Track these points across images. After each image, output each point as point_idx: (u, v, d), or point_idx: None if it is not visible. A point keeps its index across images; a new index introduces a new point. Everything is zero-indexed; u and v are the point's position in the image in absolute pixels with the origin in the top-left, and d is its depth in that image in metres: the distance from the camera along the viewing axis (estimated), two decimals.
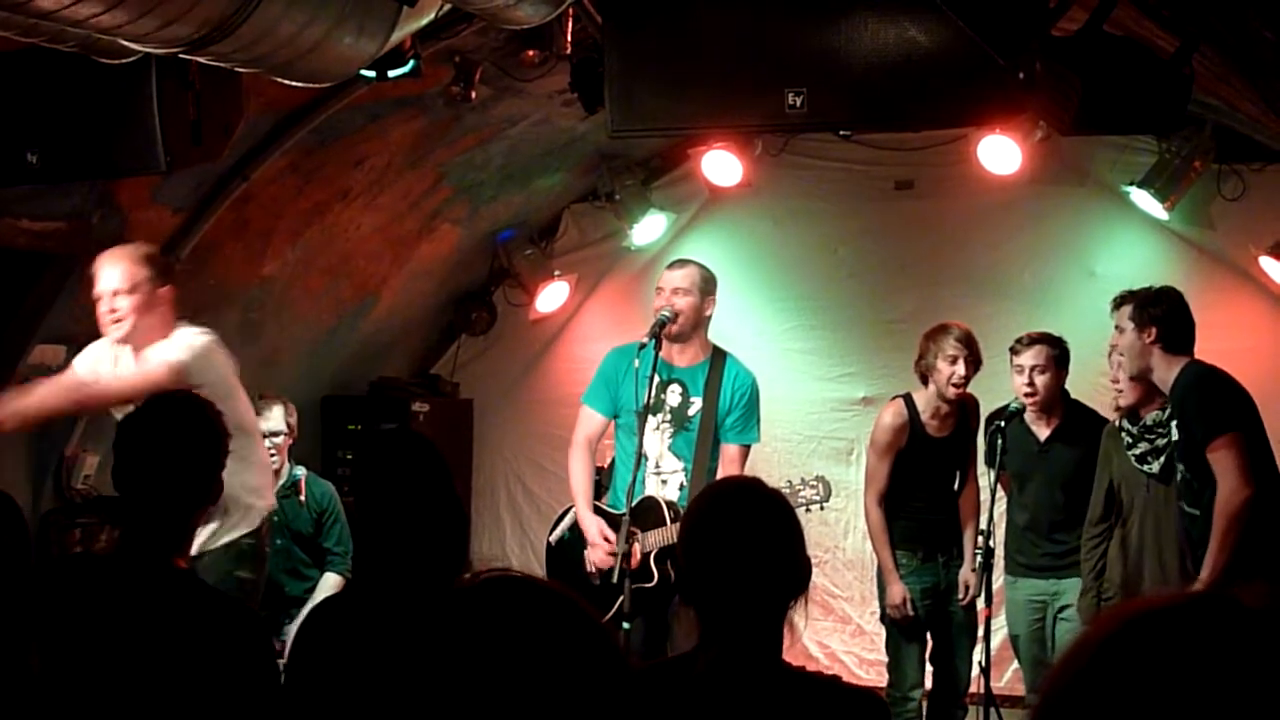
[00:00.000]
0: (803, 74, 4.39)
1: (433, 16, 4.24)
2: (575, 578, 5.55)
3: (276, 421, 6.27)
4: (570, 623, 1.31)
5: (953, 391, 5.85)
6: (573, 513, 5.72)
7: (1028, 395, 5.84)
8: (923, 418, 5.96)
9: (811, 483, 5.61)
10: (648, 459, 5.56)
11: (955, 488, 6.12)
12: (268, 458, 5.61)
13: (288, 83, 4.10)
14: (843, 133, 6.61)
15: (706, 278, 5.71)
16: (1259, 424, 5.00)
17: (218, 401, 3.37)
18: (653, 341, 5.48)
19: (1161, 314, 5.08)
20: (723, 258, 7.05)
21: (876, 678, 6.42)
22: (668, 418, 5.64)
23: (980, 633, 6.02)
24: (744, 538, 2.46)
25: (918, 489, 6.01)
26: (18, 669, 2.29)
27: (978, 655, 5.98)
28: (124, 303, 4.96)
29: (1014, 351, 5.90)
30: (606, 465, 5.92)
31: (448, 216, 7.78)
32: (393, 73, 4.76)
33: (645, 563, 5.48)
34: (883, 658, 6.28)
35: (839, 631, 8.00)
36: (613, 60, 4.61)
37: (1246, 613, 0.99)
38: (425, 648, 1.29)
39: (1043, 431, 5.94)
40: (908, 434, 5.96)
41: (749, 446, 5.74)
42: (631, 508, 5.37)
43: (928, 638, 6.08)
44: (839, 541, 7.95)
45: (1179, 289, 5.25)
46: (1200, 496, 4.94)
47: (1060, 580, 5.88)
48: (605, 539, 5.50)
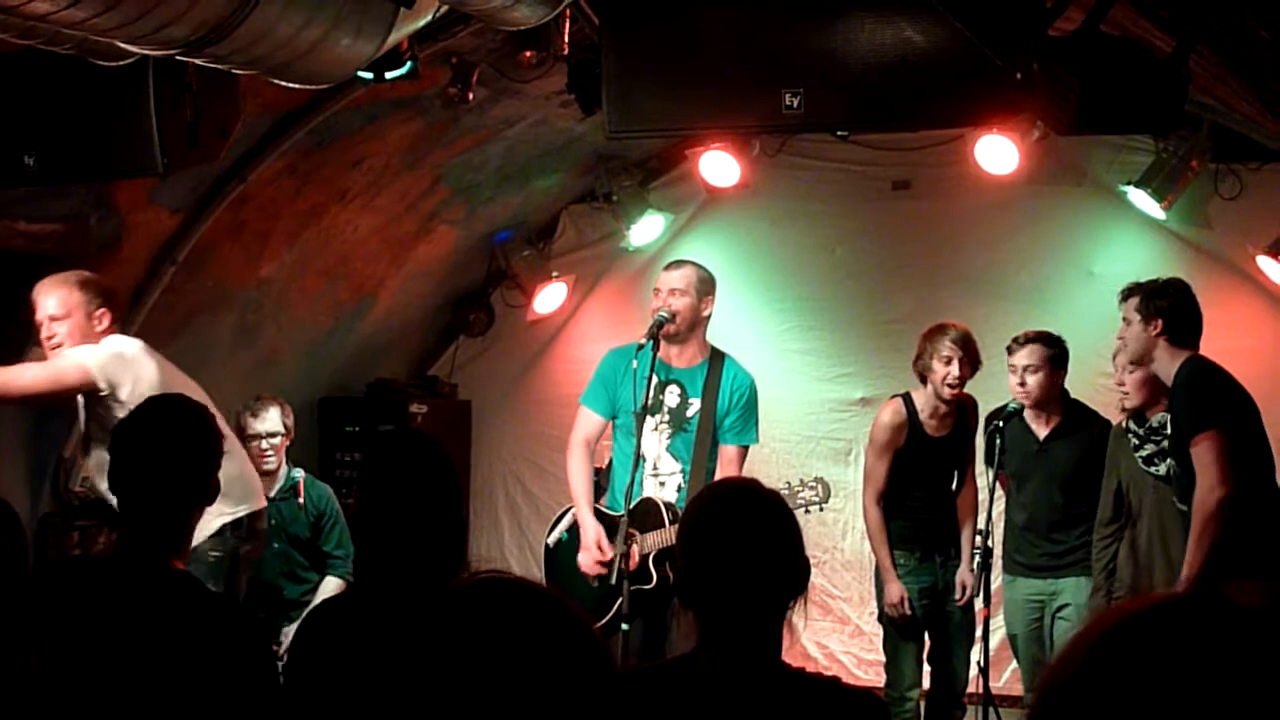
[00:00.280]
0: (800, 75, 4.39)
1: (430, 18, 4.24)
2: (574, 579, 5.55)
3: (273, 422, 6.26)
4: (557, 624, 1.31)
5: (948, 392, 5.85)
6: (571, 514, 5.72)
7: (1020, 394, 5.85)
8: (921, 417, 5.96)
9: (811, 484, 5.61)
10: (645, 460, 5.56)
11: (953, 488, 6.13)
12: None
13: (285, 84, 4.10)
14: (840, 133, 6.63)
15: (704, 278, 5.70)
16: (1254, 423, 4.98)
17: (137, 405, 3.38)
18: (650, 342, 5.47)
19: (1168, 306, 5.05)
20: (720, 258, 7.05)
21: (875, 678, 6.42)
22: (666, 419, 5.64)
23: (979, 633, 6.02)
24: (742, 539, 2.46)
25: (916, 488, 6.01)
26: (16, 671, 2.29)
27: (976, 655, 5.99)
28: (60, 328, 5.08)
29: (1009, 351, 5.91)
30: (604, 466, 5.92)
31: (445, 218, 7.78)
32: (390, 74, 4.75)
33: (644, 564, 5.48)
34: (881, 658, 6.27)
35: (837, 632, 8.00)
36: (610, 61, 4.61)
37: (1239, 611, 0.99)
38: (413, 649, 1.29)
39: (1041, 430, 5.94)
40: (906, 433, 5.96)
41: (747, 447, 5.74)
42: (630, 509, 5.37)
43: (925, 638, 6.09)
44: (837, 542, 7.95)
45: None
46: (1188, 493, 4.94)
47: (1058, 580, 5.88)
48: (600, 547, 5.49)
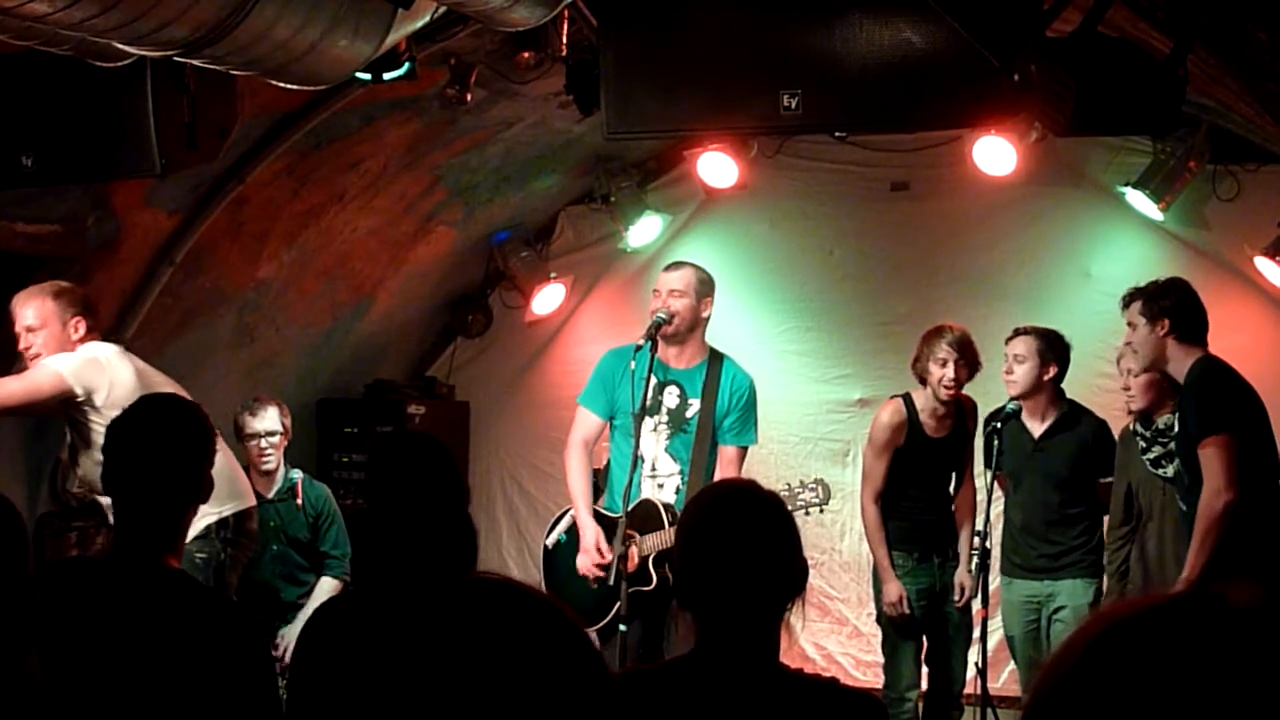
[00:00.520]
0: (798, 76, 4.39)
1: (428, 19, 4.25)
2: (573, 580, 5.55)
3: (272, 421, 6.25)
4: (546, 625, 1.31)
5: (945, 393, 5.86)
6: (570, 515, 5.71)
7: (1007, 382, 5.88)
8: (921, 417, 5.97)
9: (811, 485, 5.61)
10: (644, 461, 5.56)
11: (951, 489, 6.13)
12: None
13: (283, 85, 4.11)
14: (838, 134, 6.63)
15: (703, 279, 5.71)
16: (1264, 426, 4.97)
17: (115, 411, 3.38)
18: (649, 343, 5.47)
19: (1172, 305, 5.03)
20: (718, 259, 7.05)
21: (873, 679, 6.42)
22: (664, 419, 5.64)
23: (976, 634, 6.02)
24: (741, 541, 2.46)
25: (914, 489, 6.02)
26: (15, 672, 2.29)
27: (974, 656, 5.99)
28: (37, 338, 5.11)
29: (1006, 342, 5.94)
30: (602, 467, 5.92)
31: (443, 219, 7.78)
32: (388, 75, 4.76)
33: (643, 565, 5.47)
34: (879, 659, 6.27)
35: (836, 633, 8.00)
36: (608, 62, 4.61)
37: (1234, 613, 0.99)
38: (401, 650, 1.29)
39: (1037, 429, 5.95)
40: (906, 433, 5.97)
41: (746, 448, 5.75)
42: (628, 511, 5.37)
43: (923, 639, 6.09)
44: (835, 543, 7.95)
45: None
46: (1192, 493, 4.94)
47: (1055, 582, 5.88)
48: (598, 550, 5.49)
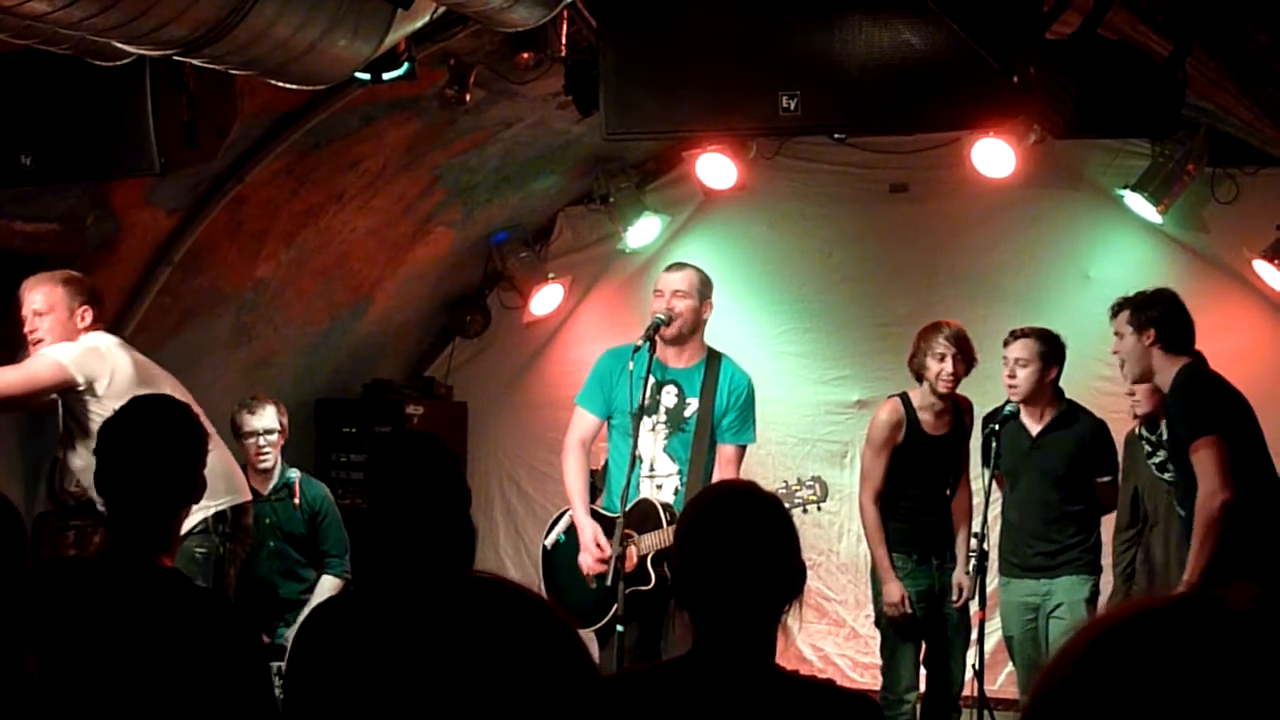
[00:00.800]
0: (797, 77, 4.40)
1: (427, 19, 4.25)
2: (572, 581, 5.55)
3: (270, 419, 6.26)
4: (536, 624, 1.31)
5: (942, 387, 5.87)
6: (568, 516, 5.72)
7: (1009, 387, 5.88)
8: (919, 415, 5.99)
9: (808, 482, 5.62)
10: (642, 461, 5.56)
11: (949, 490, 6.13)
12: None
13: (282, 85, 4.11)
14: (837, 136, 6.63)
15: (704, 280, 5.72)
16: (1251, 427, 5.00)
17: (115, 400, 3.40)
18: (647, 344, 5.47)
19: (1159, 315, 5.08)
20: (717, 261, 7.05)
21: (871, 681, 6.43)
22: (663, 419, 5.64)
23: (974, 635, 6.02)
24: (739, 541, 2.46)
25: (913, 488, 6.02)
26: (12, 672, 2.29)
27: (972, 658, 5.98)
28: (42, 323, 5.16)
29: (1005, 344, 5.94)
30: (600, 468, 5.92)
31: (442, 219, 7.78)
32: (387, 75, 4.76)
33: (642, 565, 5.48)
34: (877, 661, 6.27)
35: (833, 635, 8.00)
36: (607, 63, 4.61)
37: (1232, 614, 0.99)
38: (392, 649, 1.29)
39: (1034, 427, 5.96)
40: (904, 431, 5.98)
41: (745, 447, 5.75)
42: (626, 511, 5.37)
43: (922, 641, 6.09)
44: (833, 545, 7.95)
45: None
46: (1188, 499, 4.95)
47: (1052, 581, 5.89)
48: (598, 545, 5.50)
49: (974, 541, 5.89)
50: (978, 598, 5.85)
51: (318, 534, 6.35)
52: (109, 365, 5.08)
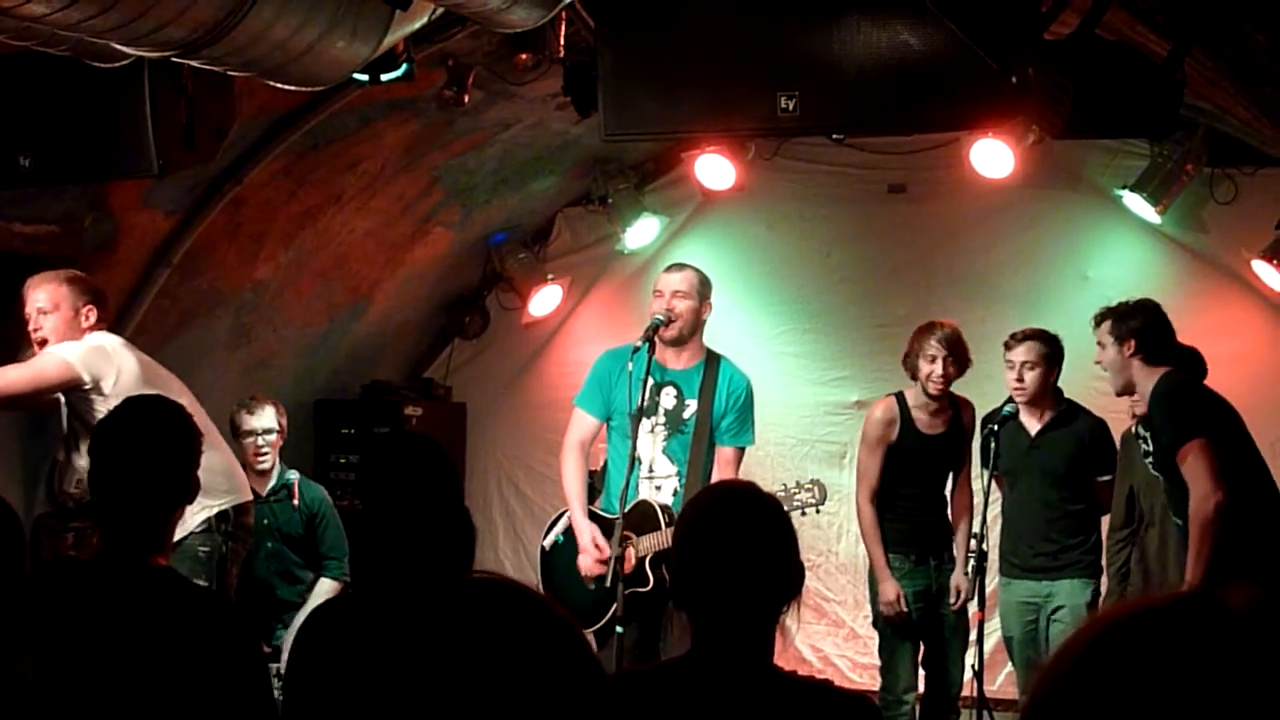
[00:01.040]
0: (795, 78, 4.40)
1: (426, 20, 4.25)
2: (570, 582, 5.55)
3: (269, 419, 6.27)
4: (541, 625, 1.31)
5: (933, 388, 5.88)
6: (567, 517, 5.72)
7: (1017, 390, 5.88)
8: (913, 413, 6.00)
9: (807, 486, 5.61)
10: (641, 462, 5.56)
11: (947, 491, 6.13)
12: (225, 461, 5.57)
13: (281, 86, 4.11)
14: (835, 136, 6.62)
15: (704, 281, 5.72)
16: (1237, 429, 5.01)
17: (120, 399, 3.41)
18: (646, 345, 5.47)
19: (1140, 326, 5.11)
20: (716, 261, 7.05)
21: (869, 681, 6.42)
22: (662, 420, 5.64)
23: (973, 636, 6.02)
24: (738, 542, 2.46)
25: (909, 487, 6.03)
26: (8, 674, 2.29)
27: (971, 658, 5.98)
28: (47, 322, 5.16)
29: (1007, 347, 5.94)
30: (599, 469, 5.92)
31: (441, 220, 7.78)
32: (386, 76, 4.76)
33: (640, 567, 5.47)
34: (876, 662, 6.27)
35: (832, 635, 8.00)
36: (606, 64, 4.61)
37: (1230, 614, 0.99)
38: (395, 649, 1.29)
39: (1034, 426, 5.96)
40: (898, 429, 5.99)
41: (744, 449, 5.75)
42: (625, 512, 5.37)
43: (920, 641, 6.10)
44: (832, 545, 7.95)
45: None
46: (1183, 506, 4.96)
47: (1053, 582, 5.89)
48: (597, 546, 5.50)
49: (973, 542, 5.90)
50: (977, 598, 5.85)
51: (316, 536, 6.35)
52: (115, 365, 5.10)
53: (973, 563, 5.84)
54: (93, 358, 5.08)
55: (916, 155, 7.69)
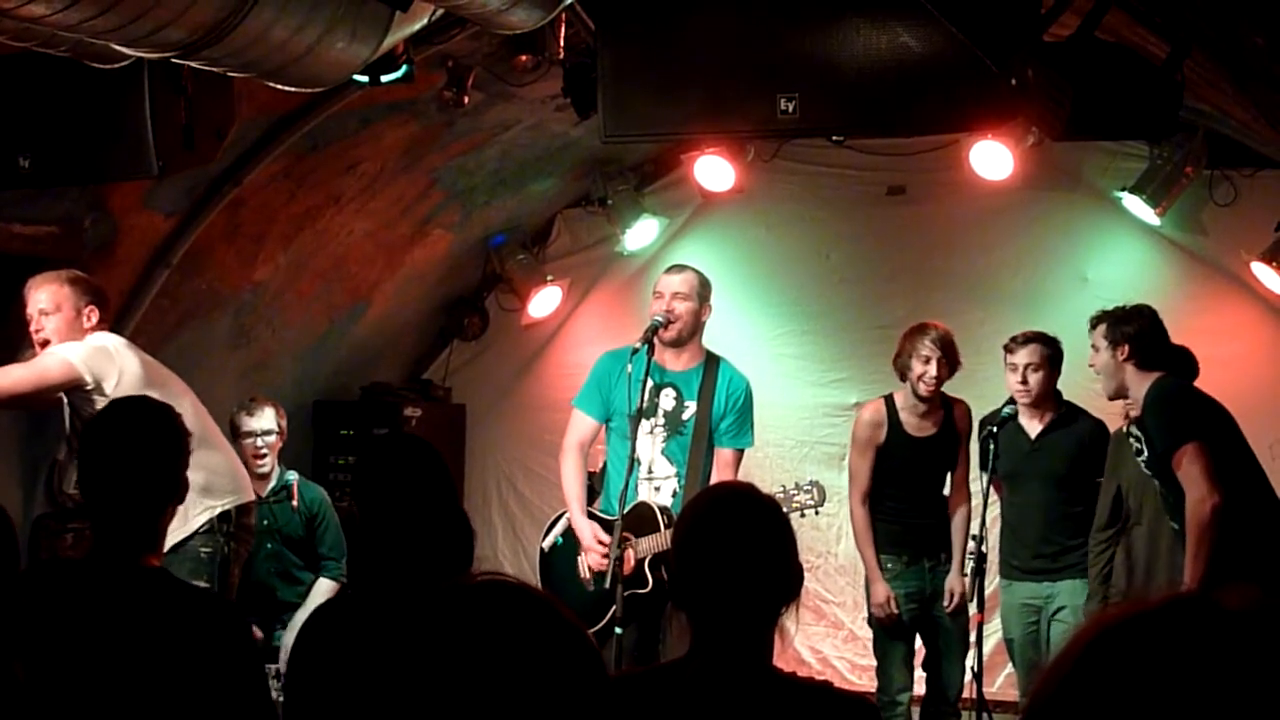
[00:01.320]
0: (795, 79, 4.40)
1: (425, 21, 4.25)
2: (568, 583, 5.55)
3: (268, 421, 6.26)
4: (550, 627, 1.31)
5: (924, 390, 5.88)
6: (565, 518, 5.72)
7: (1021, 392, 5.88)
8: (901, 416, 6.01)
9: (806, 487, 5.61)
10: (640, 463, 5.56)
11: (944, 492, 6.13)
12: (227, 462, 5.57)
13: (280, 87, 4.10)
14: (835, 138, 6.63)
15: (704, 283, 5.72)
16: (1231, 431, 5.01)
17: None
18: (645, 346, 5.47)
19: (1134, 331, 5.11)
20: (715, 263, 7.04)
21: (868, 683, 6.42)
22: (661, 422, 5.64)
23: (973, 638, 6.02)
24: (738, 544, 2.46)
25: (900, 489, 6.04)
26: (2, 676, 2.29)
27: (970, 660, 5.98)
28: (50, 323, 5.13)
29: (1008, 350, 5.94)
30: (598, 470, 5.92)
31: (440, 221, 7.78)
32: (385, 78, 4.76)
33: (639, 568, 5.47)
34: (875, 663, 6.28)
35: (831, 637, 8.00)
36: (605, 65, 4.62)
37: (1228, 615, 0.99)
38: (405, 650, 1.29)
39: (1034, 428, 5.96)
40: (886, 431, 6.01)
41: (743, 450, 5.75)
42: (624, 513, 5.37)
43: (914, 641, 6.10)
44: (831, 547, 7.94)
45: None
46: (1179, 510, 4.96)
47: (1054, 584, 5.90)
48: (600, 542, 5.49)
49: (972, 544, 5.89)
50: (976, 600, 5.85)
51: (315, 537, 6.35)
52: (117, 365, 5.09)
53: (972, 564, 5.84)
54: (96, 358, 5.07)
55: (916, 157, 7.68)
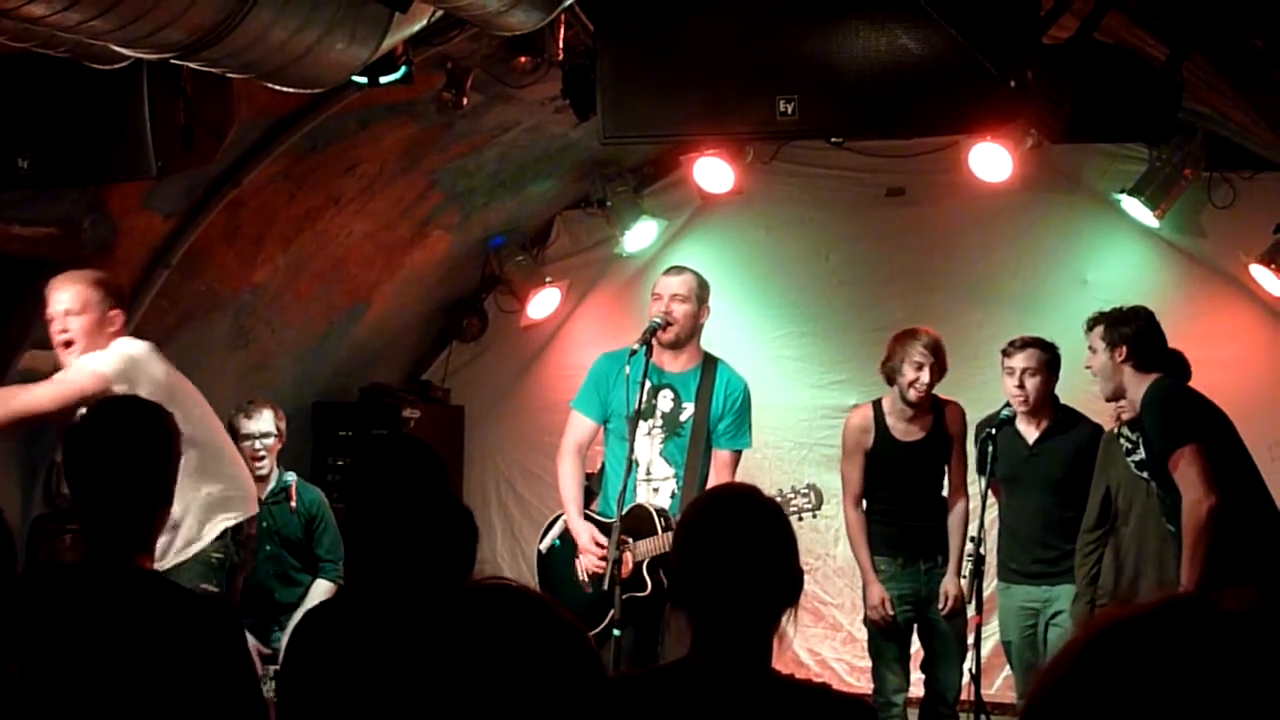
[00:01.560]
0: (794, 81, 4.40)
1: (425, 23, 4.25)
2: (566, 585, 5.54)
3: (266, 424, 6.26)
4: (552, 631, 1.31)
5: (914, 395, 5.90)
6: (563, 520, 5.71)
7: (1017, 398, 5.88)
8: (889, 420, 6.02)
9: (803, 491, 5.61)
10: (638, 465, 5.56)
11: (942, 494, 6.12)
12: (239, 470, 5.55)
13: (280, 88, 4.10)
14: (834, 140, 6.63)
15: (703, 284, 5.72)
16: (1228, 433, 5.01)
17: None
18: (644, 347, 5.47)
19: (1132, 333, 5.11)
20: (714, 264, 7.05)
21: (867, 685, 6.42)
22: (659, 423, 5.64)
23: (970, 640, 6.03)
24: (740, 546, 2.46)
25: (892, 492, 6.05)
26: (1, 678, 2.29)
27: (968, 663, 5.98)
28: (74, 324, 5.04)
29: (1006, 354, 5.94)
30: (596, 471, 5.91)
31: (439, 223, 7.78)
32: (384, 79, 4.75)
33: (638, 571, 5.47)
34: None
35: (829, 638, 8.00)
36: (605, 67, 4.62)
37: (1226, 616, 0.99)
38: (408, 652, 1.29)
39: (1032, 434, 5.96)
40: (874, 436, 6.03)
41: (741, 452, 5.75)
42: (622, 515, 5.37)
43: (910, 643, 6.10)
44: (829, 549, 7.94)
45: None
46: (1175, 513, 4.95)
47: (1053, 587, 5.90)
48: (597, 543, 5.49)
49: (970, 546, 5.89)
50: (975, 602, 5.85)
51: (313, 538, 6.35)
52: (145, 373, 5.01)
53: (970, 567, 5.84)
54: (125, 367, 4.96)
55: (915, 159, 7.69)
